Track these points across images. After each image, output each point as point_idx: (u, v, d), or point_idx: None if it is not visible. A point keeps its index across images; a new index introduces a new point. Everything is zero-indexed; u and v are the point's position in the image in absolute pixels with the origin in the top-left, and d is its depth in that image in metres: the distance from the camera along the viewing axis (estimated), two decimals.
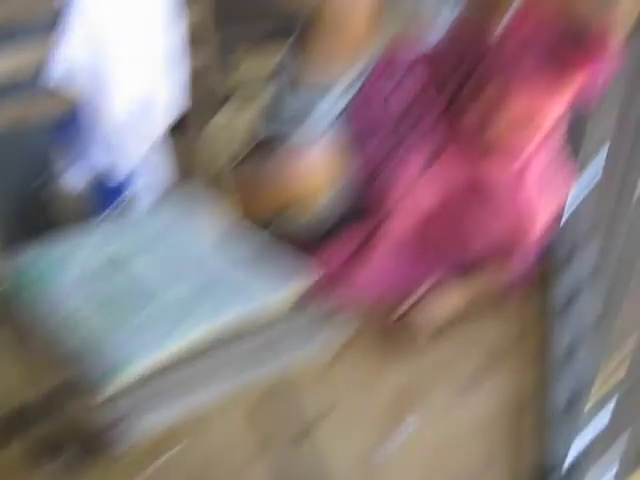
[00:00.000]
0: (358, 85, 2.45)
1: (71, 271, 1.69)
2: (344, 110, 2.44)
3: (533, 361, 2.37)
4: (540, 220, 2.41)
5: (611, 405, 1.85)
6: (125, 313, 1.61)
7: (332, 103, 2.42)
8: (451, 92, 2.44)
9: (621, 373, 1.86)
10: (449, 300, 2.41)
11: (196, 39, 1.79)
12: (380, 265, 2.40)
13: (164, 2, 1.74)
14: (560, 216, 2.55)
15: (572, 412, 2.10)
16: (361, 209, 2.43)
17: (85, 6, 1.64)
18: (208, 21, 1.79)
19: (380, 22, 2.41)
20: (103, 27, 1.68)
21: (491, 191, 2.36)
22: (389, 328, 2.37)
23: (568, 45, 2.18)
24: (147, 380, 1.51)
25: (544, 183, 2.43)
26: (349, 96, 2.44)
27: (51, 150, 1.90)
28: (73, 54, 1.66)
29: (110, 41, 1.69)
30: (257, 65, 2.69)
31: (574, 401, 2.12)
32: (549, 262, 2.60)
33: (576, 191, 2.63)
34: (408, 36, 3.35)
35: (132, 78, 1.74)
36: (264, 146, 2.44)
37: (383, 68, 2.53)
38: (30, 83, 1.64)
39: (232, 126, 2.71)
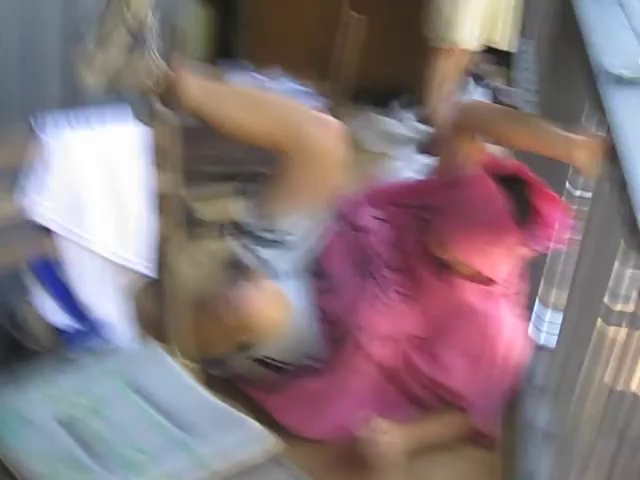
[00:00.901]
0: (328, 223, 2.48)
1: (43, 414, 1.69)
2: (313, 249, 2.46)
3: None
4: (514, 351, 2.41)
5: None
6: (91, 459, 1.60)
7: (299, 242, 2.44)
8: (417, 227, 2.47)
9: None
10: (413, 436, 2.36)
11: (164, 197, 1.84)
12: (349, 402, 2.38)
13: (134, 150, 1.78)
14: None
15: None
16: (331, 345, 2.41)
17: (62, 151, 1.70)
18: (176, 178, 1.84)
19: (348, 162, 2.45)
20: (80, 172, 1.72)
21: (468, 316, 2.38)
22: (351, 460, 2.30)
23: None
24: None
25: (514, 316, 2.45)
26: (317, 235, 2.46)
27: (24, 288, 1.90)
28: (51, 197, 1.70)
29: (86, 186, 1.73)
30: (216, 207, 2.73)
31: None
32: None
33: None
34: (374, 177, 3.44)
35: (106, 222, 1.78)
36: (228, 279, 2.47)
37: (350, 208, 2.56)
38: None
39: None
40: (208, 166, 2.55)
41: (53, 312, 1.84)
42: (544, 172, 2.38)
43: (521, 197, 2.26)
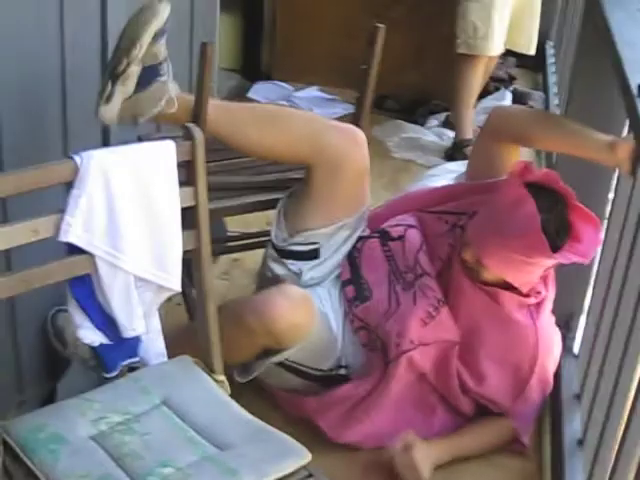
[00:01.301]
0: (358, 232, 2.48)
1: (79, 432, 1.69)
2: (344, 258, 2.46)
3: None
4: (551, 358, 2.40)
5: None
6: (126, 476, 1.62)
7: (329, 252, 2.44)
8: (449, 233, 2.46)
9: None
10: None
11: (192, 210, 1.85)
12: (387, 409, 2.36)
13: (163, 165, 1.80)
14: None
15: None
16: (368, 352, 2.41)
17: (97, 172, 1.71)
18: (204, 191, 1.84)
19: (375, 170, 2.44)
20: (113, 191, 1.73)
21: (503, 323, 2.35)
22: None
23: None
24: None
25: (548, 323, 2.43)
26: (348, 244, 2.47)
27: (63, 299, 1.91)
28: (86, 217, 1.72)
29: (119, 204, 1.74)
30: (244, 219, 2.74)
31: None
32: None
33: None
34: (403, 184, 3.43)
35: (139, 240, 1.79)
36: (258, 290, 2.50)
37: (380, 216, 2.57)
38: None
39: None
40: (234, 176, 2.55)
41: (88, 330, 1.85)
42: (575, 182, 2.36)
43: (553, 208, 2.23)
